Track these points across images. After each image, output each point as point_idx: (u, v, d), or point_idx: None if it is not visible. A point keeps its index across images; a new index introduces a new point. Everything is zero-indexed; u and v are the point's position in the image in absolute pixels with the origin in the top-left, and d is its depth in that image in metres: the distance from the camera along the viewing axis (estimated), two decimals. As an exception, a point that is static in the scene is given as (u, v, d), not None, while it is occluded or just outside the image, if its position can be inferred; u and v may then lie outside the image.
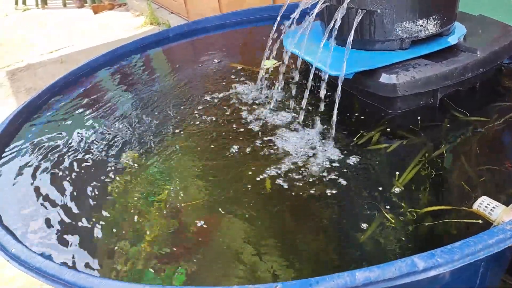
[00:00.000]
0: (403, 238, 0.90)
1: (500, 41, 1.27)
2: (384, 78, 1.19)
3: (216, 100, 1.50)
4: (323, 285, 0.72)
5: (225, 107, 1.45)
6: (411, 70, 1.19)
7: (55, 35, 5.32)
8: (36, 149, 1.35)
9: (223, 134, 1.31)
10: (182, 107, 1.49)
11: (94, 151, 1.32)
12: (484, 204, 0.87)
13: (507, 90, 1.32)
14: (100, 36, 4.91)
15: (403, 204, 0.96)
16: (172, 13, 4.89)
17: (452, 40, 1.28)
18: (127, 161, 1.25)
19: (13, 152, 1.34)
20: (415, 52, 1.24)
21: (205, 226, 1.01)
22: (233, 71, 1.68)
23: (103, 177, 1.20)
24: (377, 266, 0.73)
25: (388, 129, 1.21)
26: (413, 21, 1.20)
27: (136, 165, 1.23)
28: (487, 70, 1.26)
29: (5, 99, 3.79)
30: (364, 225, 0.94)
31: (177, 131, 1.37)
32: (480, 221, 0.87)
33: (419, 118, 1.22)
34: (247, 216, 1.02)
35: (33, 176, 1.24)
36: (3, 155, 1.33)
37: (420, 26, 1.22)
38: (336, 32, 1.24)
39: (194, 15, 4.24)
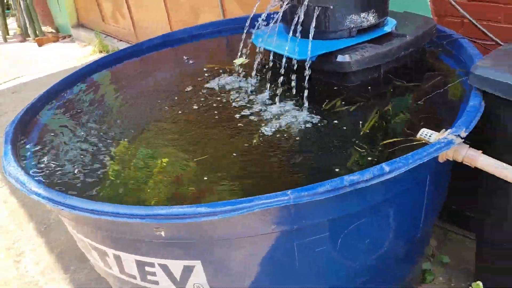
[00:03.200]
0: (373, 162, 1.22)
1: (422, 28, 1.66)
2: (340, 58, 1.53)
3: (197, 93, 1.77)
4: (323, 188, 1.02)
5: (207, 96, 1.72)
6: (360, 51, 1.54)
7: (1, 68, 5.34)
8: (42, 143, 1.56)
9: (208, 115, 1.59)
10: (167, 101, 1.76)
11: (90, 142, 1.55)
12: (425, 133, 1.21)
13: (430, 64, 1.72)
14: (50, 66, 5.01)
15: (369, 141, 1.29)
16: (120, 40, 5.08)
17: (387, 29, 1.65)
18: (120, 149, 1.49)
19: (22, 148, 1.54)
20: (361, 39, 1.60)
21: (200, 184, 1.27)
22: (209, 70, 1.96)
23: (100, 164, 1.43)
24: (358, 172, 1.04)
25: (347, 97, 1.56)
26: (358, 14, 1.56)
27: (129, 150, 1.47)
28: (414, 51, 1.64)
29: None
30: (342, 158, 1.25)
31: (165, 118, 1.64)
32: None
33: (369, 88, 1.58)
34: (238, 163, 1.32)
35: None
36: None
37: (363, 18, 1.58)
38: (299, 26, 1.57)
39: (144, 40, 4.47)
